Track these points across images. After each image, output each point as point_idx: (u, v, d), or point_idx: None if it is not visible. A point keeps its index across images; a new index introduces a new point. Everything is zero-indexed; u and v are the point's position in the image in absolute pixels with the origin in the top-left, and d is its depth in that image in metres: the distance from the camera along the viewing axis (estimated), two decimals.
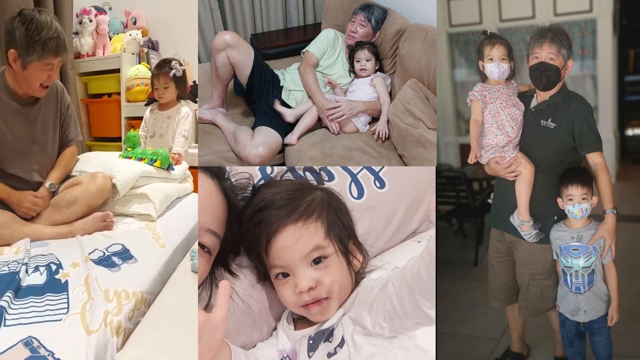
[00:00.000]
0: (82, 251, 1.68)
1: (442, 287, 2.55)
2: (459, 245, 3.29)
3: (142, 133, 2.73)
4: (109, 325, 1.28)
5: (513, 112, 1.52)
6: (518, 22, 4.22)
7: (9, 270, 1.47)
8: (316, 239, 1.00)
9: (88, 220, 1.95)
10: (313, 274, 1.00)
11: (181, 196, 2.41)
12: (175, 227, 2.05)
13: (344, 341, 0.99)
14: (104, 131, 3.73)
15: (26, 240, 1.75)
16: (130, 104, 3.50)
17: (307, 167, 1.24)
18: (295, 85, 2.32)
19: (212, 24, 3.15)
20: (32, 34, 1.80)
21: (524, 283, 1.63)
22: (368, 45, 2.29)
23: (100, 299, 1.37)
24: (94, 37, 3.64)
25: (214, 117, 2.30)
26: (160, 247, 1.83)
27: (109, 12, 3.80)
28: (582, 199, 1.45)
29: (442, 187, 3.12)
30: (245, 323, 1.10)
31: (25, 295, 1.36)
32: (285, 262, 1.01)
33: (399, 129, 2.05)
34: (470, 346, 2.01)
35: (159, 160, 2.33)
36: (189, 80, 2.71)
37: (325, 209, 1.04)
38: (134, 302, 1.42)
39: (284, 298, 1.04)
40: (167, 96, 2.59)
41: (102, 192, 2.03)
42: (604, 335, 1.52)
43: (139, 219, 2.11)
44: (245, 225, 1.06)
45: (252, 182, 1.16)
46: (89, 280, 1.46)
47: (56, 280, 1.46)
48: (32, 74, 1.86)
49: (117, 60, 3.53)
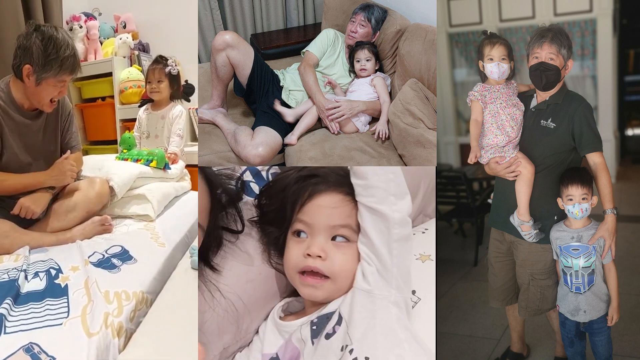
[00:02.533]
0: (82, 255, 1.68)
1: (442, 287, 2.55)
2: (459, 245, 3.29)
3: (136, 134, 2.73)
4: (109, 327, 1.29)
5: (513, 112, 1.52)
6: (518, 22, 4.22)
7: (9, 278, 1.47)
8: (350, 220, 1.01)
9: (87, 225, 1.96)
10: (328, 247, 1.00)
11: (179, 195, 2.41)
12: (174, 225, 2.06)
13: (341, 317, 0.97)
14: (99, 135, 3.75)
15: (25, 248, 1.75)
16: (124, 107, 3.53)
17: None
18: (295, 85, 2.32)
19: (212, 24, 3.16)
20: (50, 52, 1.79)
21: (524, 283, 1.63)
22: (368, 45, 2.29)
23: (100, 301, 1.37)
24: (85, 43, 3.68)
25: (214, 117, 2.30)
26: (160, 247, 1.83)
27: (99, 17, 3.84)
28: (582, 199, 1.45)
29: (442, 187, 3.12)
30: (228, 322, 1.07)
31: (25, 302, 1.36)
32: (313, 220, 1.01)
33: (399, 129, 2.05)
34: (470, 346, 2.01)
35: (155, 160, 2.33)
36: (181, 80, 2.71)
37: None
38: (135, 302, 1.43)
39: (290, 257, 1.04)
40: (160, 91, 2.59)
41: (100, 197, 2.04)
42: (604, 335, 1.52)
43: (138, 219, 2.12)
44: (293, 178, 1.06)
45: (236, 173, 1.17)
46: (89, 283, 1.46)
47: (56, 285, 1.46)
48: (45, 90, 1.85)
49: (109, 64, 3.57)
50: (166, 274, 1.64)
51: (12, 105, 1.90)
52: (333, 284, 1.00)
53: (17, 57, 1.82)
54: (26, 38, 1.81)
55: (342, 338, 0.94)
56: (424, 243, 1.23)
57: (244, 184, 1.23)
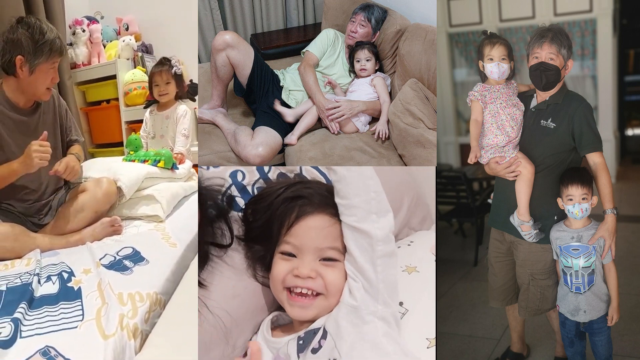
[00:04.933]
0: (93, 257, 1.68)
1: (442, 287, 2.55)
2: (459, 245, 3.29)
3: (143, 134, 2.73)
4: (125, 328, 1.28)
5: (513, 112, 1.52)
6: (518, 22, 4.22)
7: (22, 282, 1.47)
8: (338, 242, 1.02)
9: (96, 226, 1.96)
10: (317, 267, 1.01)
11: (188, 194, 2.40)
12: (185, 225, 2.04)
13: (326, 332, 0.98)
14: (105, 137, 3.75)
15: (36, 252, 1.75)
16: (129, 108, 3.53)
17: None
18: (295, 85, 2.32)
19: (212, 24, 3.16)
20: (38, 38, 1.85)
21: (524, 283, 1.63)
22: (368, 45, 2.29)
23: (114, 303, 1.37)
24: (88, 47, 3.70)
25: (214, 117, 2.30)
26: (171, 247, 1.82)
27: (101, 20, 3.86)
28: (582, 199, 1.44)
29: (442, 187, 3.12)
30: (217, 337, 1.06)
31: (40, 306, 1.36)
32: (302, 242, 1.02)
33: (399, 129, 2.05)
34: (470, 346, 2.01)
35: (162, 160, 2.33)
36: (185, 79, 2.72)
37: None
38: (149, 303, 1.42)
39: (277, 273, 1.04)
40: (169, 92, 2.60)
41: (108, 196, 2.04)
42: (604, 335, 1.52)
43: (148, 220, 2.11)
44: (280, 199, 1.06)
45: (223, 189, 1.18)
46: (102, 285, 1.46)
47: (69, 288, 1.46)
48: (39, 77, 1.90)
49: (112, 67, 3.56)
50: (179, 275, 1.63)
51: (7, 103, 1.92)
52: (325, 300, 1.01)
53: (6, 52, 1.86)
54: (12, 32, 1.86)
55: (329, 352, 0.95)
56: (410, 255, 1.25)
57: (231, 198, 1.22)
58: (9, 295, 1.39)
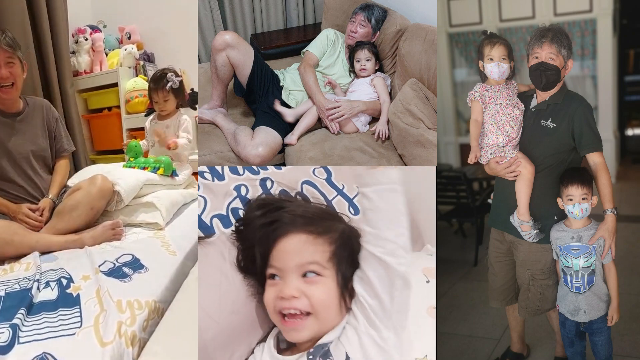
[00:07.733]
0: (92, 263, 1.67)
1: (442, 287, 2.55)
2: (459, 245, 3.29)
3: (145, 142, 2.72)
4: (123, 336, 1.28)
5: (513, 112, 1.52)
6: (518, 22, 4.22)
7: (20, 288, 1.47)
8: (318, 256, 1.01)
9: (97, 229, 1.95)
10: (301, 285, 1.00)
11: (187, 202, 2.38)
12: (184, 233, 2.03)
13: (348, 357, 0.97)
14: (106, 144, 3.76)
15: (35, 256, 1.75)
16: (130, 116, 3.55)
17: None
18: (295, 85, 2.32)
19: (212, 24, 3.16)
20: None
21: (524, 283, 1.63)
22: (368, 45, 2.29)
23: (113, 310, 1.37)
24: (90, 55, 3.73)
25: (214, 117, 2.30)
26: (171, 255, 1.81)
27: (104, 29, 3.89)
28: (582, 199, 1.45)
29: (442, 187, 3.12)
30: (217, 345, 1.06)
31: (38, 312, 1.36)
32: (281, 264, 1.02)
33: (399, 129, 2.05)
34: (470, 346, 2.01)
35: (162, 167, 2.33)
36: (186, 88, 2.70)
37: (340, 240, 1.04)
38: (147, 311, 1.42)
39: (267, 299, 1.04)
40: (167, 108, 2.58)
41: (102, 192, 2.03)
42: (604, 335, 1.52)
43: (147, 227, 2.10)
44: (257, 224, 1.07)
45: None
46: (101, 292, 1.46)
47: (68, 295, 1.45)
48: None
49: (114, 75, 3.58)
50: (178, 283, 1.61)
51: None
52: (315, 319, 1.00)
53: None
54: None
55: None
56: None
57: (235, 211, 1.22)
58: (7, 300, 1.39)
